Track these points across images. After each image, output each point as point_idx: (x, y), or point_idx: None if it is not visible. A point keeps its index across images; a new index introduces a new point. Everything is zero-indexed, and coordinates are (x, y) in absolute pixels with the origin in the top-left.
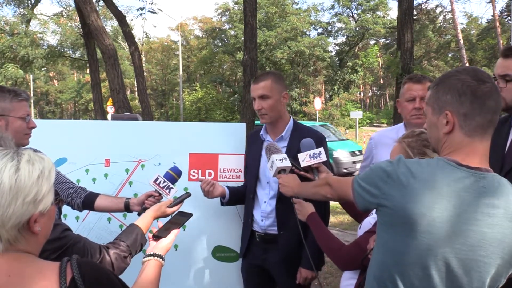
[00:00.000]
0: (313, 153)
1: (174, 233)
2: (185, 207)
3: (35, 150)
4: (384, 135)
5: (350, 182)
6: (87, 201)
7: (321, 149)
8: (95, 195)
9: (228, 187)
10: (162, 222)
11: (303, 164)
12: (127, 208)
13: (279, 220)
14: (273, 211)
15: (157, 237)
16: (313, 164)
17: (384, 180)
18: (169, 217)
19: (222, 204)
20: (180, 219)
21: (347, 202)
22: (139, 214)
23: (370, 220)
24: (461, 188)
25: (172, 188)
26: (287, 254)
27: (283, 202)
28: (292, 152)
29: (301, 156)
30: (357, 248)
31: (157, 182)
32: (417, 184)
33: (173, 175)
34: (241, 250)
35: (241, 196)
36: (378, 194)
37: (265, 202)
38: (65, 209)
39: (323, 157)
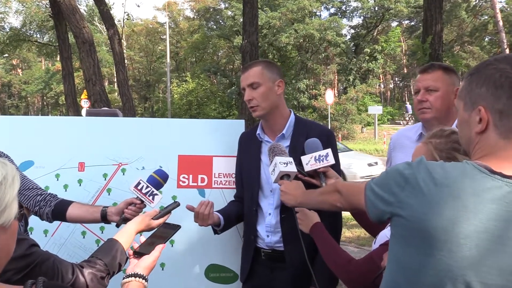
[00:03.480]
0: (319, 155)
1: (159, 249)
2: (172, 219)
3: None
4: (403, 135)
5: (363, 188)
6: (58, 210)
7: (329, 150)
8: (67, 203)
9: (219, 212)
10: (145, 236)
11: (307, 168)
12: (104, 218)
13: (284, 233)
14: (279, 224)
15: (139, 254)
16: (319, 168)
17: (401, 186)
18: (153, 230)
19: (216, 232)
20: (166, 232)
21: (360, 212)
22: (117, 226)
23: (387, 232)
24: (492, 200)
25: (156, 194)
26: (295, 271)
27: (289, 212)
28: (297, 152)
29: (305, 158)
30: (370, 262)
31: (139, 187)
32: (439, 192)
33: (158, 179)
34: (243, 272)
35: (234, 220)
36: (393, 201)
37: (270, 214)
38: (32, 221)
39: (331, 160)
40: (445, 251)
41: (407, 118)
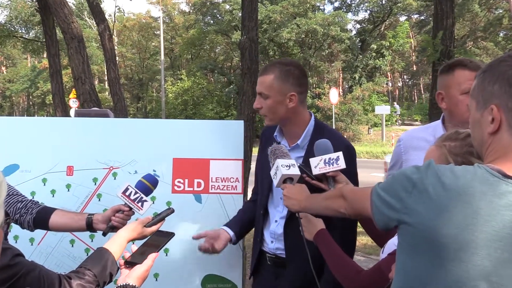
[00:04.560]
0: (329, 158)
1: (151, 258)
2: (166, 226)
3: None
4: (416, 136)
5: (369, 194)
6: (40, 218)
7: (340, 153)
8: (50, 210)
9: (229, 225)
10: (137, 245)
11: (315, 171)
12: (89, 226)
13: (287, 248)
14: (283, 235)
15: (130, 263)
16: (328, 172)
17: (408, 191)
18: (146, 238)
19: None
20: (159, 241)
21: (367, 219)
22: (104, 234)
23: (395, 241)
24: (504, 206)
25: (145, 201)
26: (298, 285)
27: (294, 225)
28: (309, 165)
29: (313, 161)
30: (379, 273)
31: (127, 193)
32: (448, 197)
33: (147, 185)
34: (250, 269)
35: (246, 229)
36: (400, 207)
37: (276, 221)
38: (17, 229)
39: (342, 164)
40: (455, 261)
41: (395, 120)
